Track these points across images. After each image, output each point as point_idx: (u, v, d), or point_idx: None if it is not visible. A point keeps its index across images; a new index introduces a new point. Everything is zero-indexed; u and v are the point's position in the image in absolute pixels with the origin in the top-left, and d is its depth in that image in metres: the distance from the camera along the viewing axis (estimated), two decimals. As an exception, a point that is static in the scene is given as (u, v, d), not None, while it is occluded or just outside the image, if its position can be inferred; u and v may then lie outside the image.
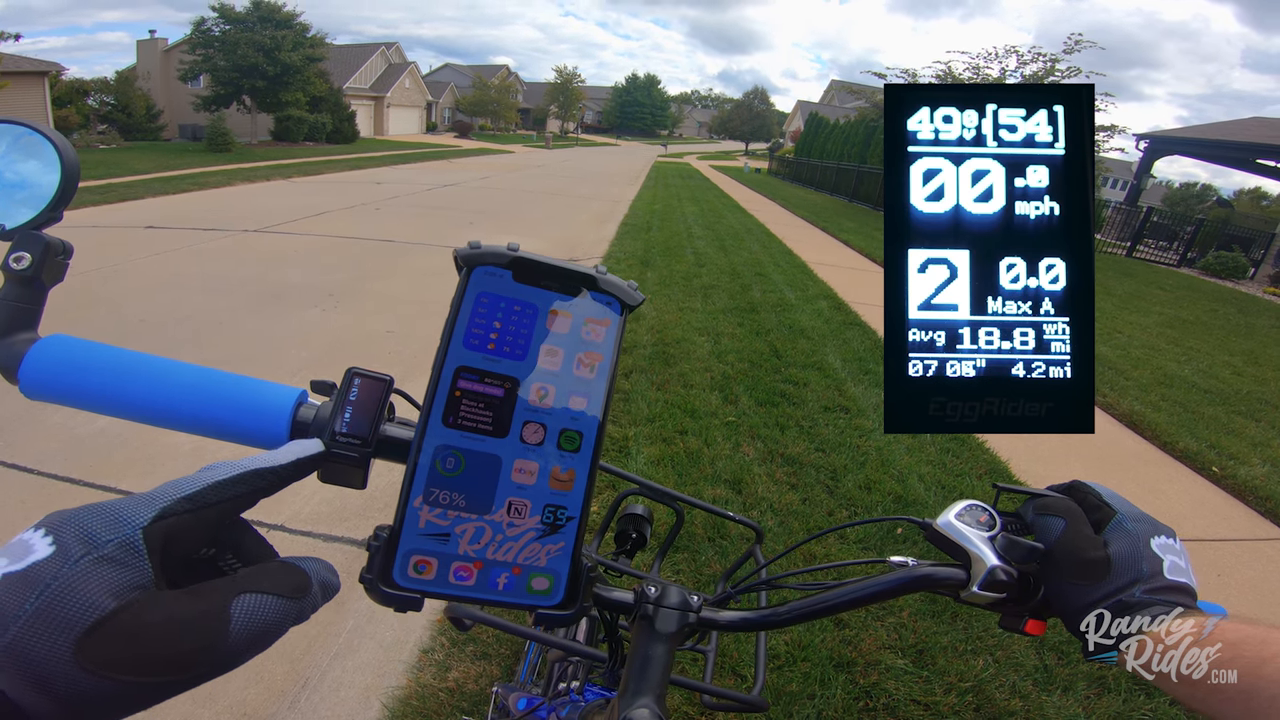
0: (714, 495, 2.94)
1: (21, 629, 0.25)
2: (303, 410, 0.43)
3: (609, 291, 0.43)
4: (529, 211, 12.08)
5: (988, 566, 0.50)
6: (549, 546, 0.42)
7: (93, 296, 5.01)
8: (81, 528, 0.28)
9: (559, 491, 0.42)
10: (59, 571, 0.27)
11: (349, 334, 4.64)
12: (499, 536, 0.41)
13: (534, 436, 0.42)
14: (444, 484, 0.41)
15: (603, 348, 0.43)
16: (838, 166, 23.88)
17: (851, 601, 0.55)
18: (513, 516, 0.41)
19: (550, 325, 0.42)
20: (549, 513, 0.42)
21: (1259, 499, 3.55)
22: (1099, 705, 2.01)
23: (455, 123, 58.01)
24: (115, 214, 8.79)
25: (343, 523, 2.53)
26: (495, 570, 0.41)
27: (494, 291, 0.42)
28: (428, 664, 1.95)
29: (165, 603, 0.29)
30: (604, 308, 0.43)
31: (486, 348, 0.41)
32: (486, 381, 0.41)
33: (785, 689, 1.95)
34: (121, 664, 0.27)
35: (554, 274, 0.43)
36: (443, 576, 0.41)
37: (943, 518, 0.53)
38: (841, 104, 43.23)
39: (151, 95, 32.56)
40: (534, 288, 0.42)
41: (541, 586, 0.42)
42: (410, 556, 0.40)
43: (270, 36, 27.11)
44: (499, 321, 0.41)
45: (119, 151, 21.00)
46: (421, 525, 0.40)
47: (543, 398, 0.42)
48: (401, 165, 20.92)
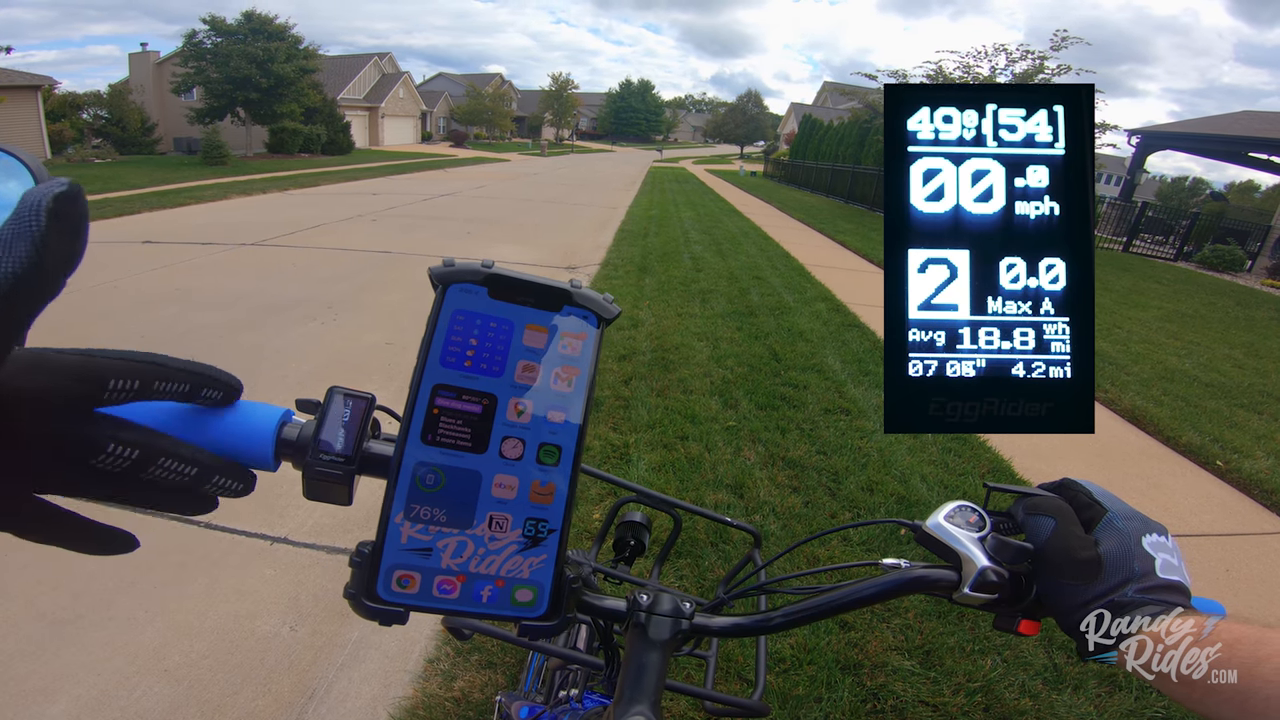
0: (716, 500, 2.93)
1: None
2: (287, 429, 0.43)
3: (584, 305, 0.44)
4: (526, 220, 12.10)
5: (978, 568, 0.50)
6: (531, 559, 0.43)
7: (92, 312, 5.01)
8: None
9: (539, 505, 0.43)
10: None
11: (348, 346, 4.63)
12: (481, 550, 0.42)
13: (513, 451, 0.42)
14: (424, 500, 0.41)
15: (580, 361, 0.43)
16: (832, 168, 23.93)
17: (844, 605, 0.55)
18: (494, 530, 0.42)
19: (527, 341, 0.43)
20: (530, 526, 0.43)
21: (1264, 492, 3.54)
22: (1111, 703, 2.01)
23: (450, 132, 58.13)
24: (112, 229, 8.80)
25: (345, 534, 2.53)
26: (479, 583, 0.42)
27: (470, 309, 0.42)
28: (433, 674, 1.95)
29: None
30: (580, 321, 0.44)
31: (464, 365, 0.42)
32: (464, 398, 0.42)
33: (792, 692, 1.94)
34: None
35: (529, 290, 0.43)
36: (426, 590, 0.41)
37: (932, 519, 0.53)
38: (835, 105, 43.33)
39: (145, 108, 32.58)
40: (510, 304, 0.43)
41: (525, 598, 0.43)
42: (393, 571, 0.41)
43: (263, 48, 27.13)
44: (475, 338, 0.42)
45: (114, 165, 21.03)
46: (403, 541, 0.41)
47: (521, 413, 0.42)
48: (397, 176, 20.95)
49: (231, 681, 1.88)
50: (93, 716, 1.74)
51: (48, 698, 1.78)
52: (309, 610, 2.16)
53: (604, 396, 3.91)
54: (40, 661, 1.88)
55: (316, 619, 2.13)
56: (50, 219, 0.29)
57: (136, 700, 1.80)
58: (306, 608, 2.17)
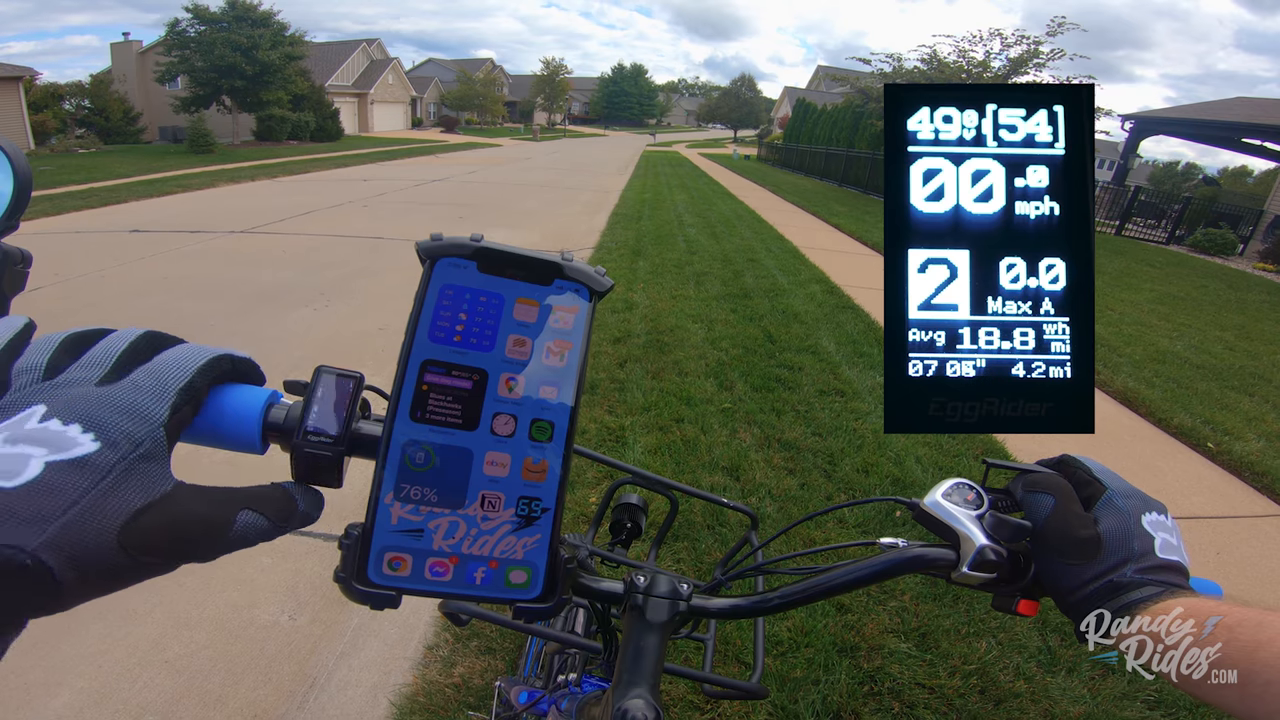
0: (712, 482, 2.95)
1: (77, 514, 0.28)
2: (274, 411, 0.41)
3: (576, 278, 0.43)
4: (519, 204, 12.03)
5: (976, 546, 0.50)
6: (525, 539, 0.42)
7: (79, 302, 4.98)
8: (120, 428, 0.31)
9: (532, 483, 0.42)
10: (112, 465, 0.30)
11: (341, 332, 4.62)
12: (473, 531, 0.41)
13: (505, 428, 0.41)
14: (414, 479, 0.40)
15: (572, 335, 0.42)
16: (826, 151, 23.84)
17: (842, 585, 0.55)
18: (486, 510, 0.41)
19: (517, 315, 0.42)
20: (523, 505, 0.42)
21: (1255, 475, 3.58)
22: (1104, 685, 2.04)
23: (441, 118, 57.61)
24: (99, 218, 8.71)
25: (341, 520, 2.52)
26: (472, 565, 0.41)
27: (459, 283, 0.41)
28: (433, 660, 1.96)
29: (189, 498, 0.33)
30: (572, 295, 0.43)
31: (453, 340, 0.41)
32: (454, 374, 0.41)
33: (790, 675, 1.96)
34: (153, 549, 0.30)
35: (519, 263, 0.42)
36: (418, 573, 0.40)
37: (930, 497, 0.53)
38: (829, 90, 43.09)
39: (128, 98, 32.17)
40: (500, 278, 0.41)
41: (519, 580, 0.42)
42: (384, 553, 0.40)
43: (247, 35, 26.77)
44: (465, 313, 0.41)
45: (99, 155, 20.80)
46: (394, 522, 0.40)
47: (512, 389, 0.41)
48: (388, 162, 20.77)
49: (232, 671, 1.89)
50: (96, 709, 1.75)
51: (49, 691, 1.79)
52: (307, 598, 2.17)
53: (599, 379, 3.91)
54: (39, 655, 1.89)
55: (315, 607, 2.14)
56: None
57: (138, 692, 1.80)
58: (305, 596, 2.18)
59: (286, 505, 0.38)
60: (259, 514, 0.36)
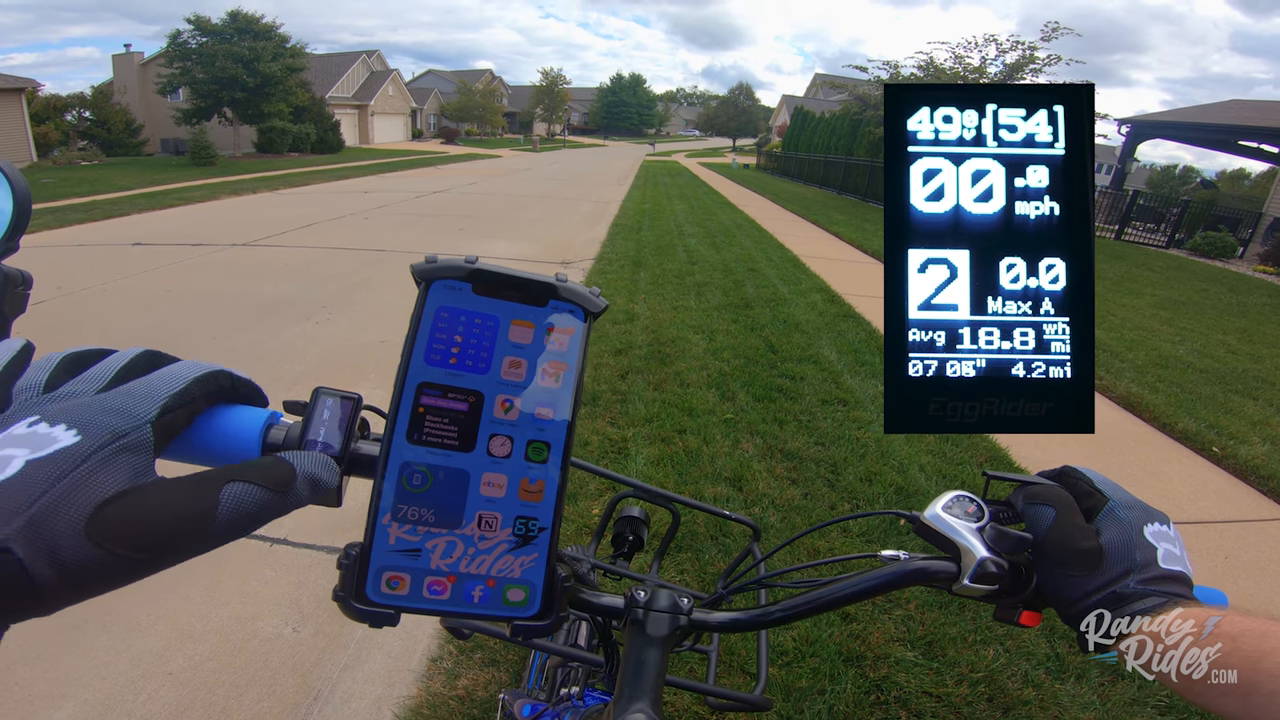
0: (715, 493, 2.94)
1: (46, 503, 0.28)
2: (273, 431, 0.42)
3: (571, 299, 0.43)
4: (519, 215, 12.06)
5: (977, 559, 0.50)
6: (522, 558, 0.42)
7: (82, 316, 4.99)
8: (103, 423, 0.31)
9: (529, 503, 0.42)
10: (89, 454, 0.30)
11: (343, 345, 4.63)
12: (471, 550, 0.41)
13: (501, 449, 0.42)
14: (412, 500, 0.40)
15: (567, 356, 0.43)
16: (825, 159, 23.94)
17: (844, 598, 0.55)
18: (483, 530, 0.41)
19: (513, 337, 0.42)
20: (520, 524, 0.42)
21: (1261, 479, 3.56)
22: (1113, 692, 2.02)
23: (441, 129, 57.84)
24: (101, 231, 8.74)
25: (345, 535, 2.52)
26: (469, 583, 0.41)
27: (454, 305, 0.41)
28: (437, 672, 1.95)
29: (166, 488, 0.32)
30: (567, 316, 0.43)
31: (449, 362, 0.41)
32: (450, 396, 0.41)
33: (795, 685, 1.95)
34: (122, 539, 0.29)
35: (514, 284, 0.42)
36: (416, 591, 0.41)
37: (930, 510, 0.53)
38: (826, 97, 43.24)
39: (130, 110, 32.27)
40: (495, 299, 0.42)
41: (517, 598, 0.42)
42: (382, 573, 0.40)
43: (249, 48, 26.94)
44: (460, 335, 0.41)
45: (101, 168, 20.89)
46: (391, 542, 0.40)
47: (508, 410, 0.42)
48: (389, 174, 20.85)
49: (236, 684, 1.88)
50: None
51: (53, 703, 1.78)
52: (311, 611, 2.16)
53: (600, 391, 3.91)
54: (44, 667, 1.88)
55: (319, 619, 2.13)
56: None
57: (143, 704, 1.80)
58: (308, 608, 2.17)
59: (280, 470, 0.37)
60: (248, 483, 0.34)
